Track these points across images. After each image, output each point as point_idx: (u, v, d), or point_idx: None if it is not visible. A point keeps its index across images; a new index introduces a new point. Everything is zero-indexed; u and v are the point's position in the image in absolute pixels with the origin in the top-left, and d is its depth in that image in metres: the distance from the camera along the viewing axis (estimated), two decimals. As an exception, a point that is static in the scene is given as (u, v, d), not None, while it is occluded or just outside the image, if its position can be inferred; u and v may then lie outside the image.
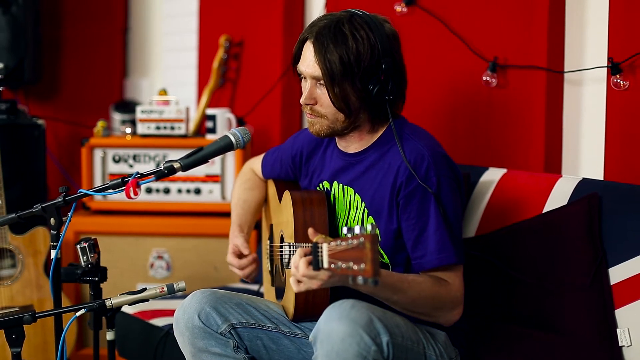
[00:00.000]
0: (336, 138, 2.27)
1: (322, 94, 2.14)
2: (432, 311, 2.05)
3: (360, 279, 1.63)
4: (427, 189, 2.05)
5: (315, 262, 1.77)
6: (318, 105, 2.16)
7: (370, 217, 2.17)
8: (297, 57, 2.19)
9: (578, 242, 2.24)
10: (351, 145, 2.24)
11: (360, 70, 2.09)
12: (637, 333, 2.12)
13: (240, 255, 2.42)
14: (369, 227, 1.66)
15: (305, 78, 2.17)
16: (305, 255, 1.83)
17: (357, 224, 2.17)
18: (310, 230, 1.87)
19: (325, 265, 1.72)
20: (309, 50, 2.14)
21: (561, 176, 2.43)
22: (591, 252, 2.21)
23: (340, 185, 2.25)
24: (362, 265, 1.62)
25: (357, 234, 1.66)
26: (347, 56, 2.08)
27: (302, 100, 2.18)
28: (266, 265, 2.57)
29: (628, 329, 2.13)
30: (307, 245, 1.86)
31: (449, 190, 2.08)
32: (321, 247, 1.74)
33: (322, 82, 2.13)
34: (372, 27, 2.11)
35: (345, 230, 1.70)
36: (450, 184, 2.09)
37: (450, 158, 2.15)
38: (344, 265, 1.66)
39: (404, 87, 2.20)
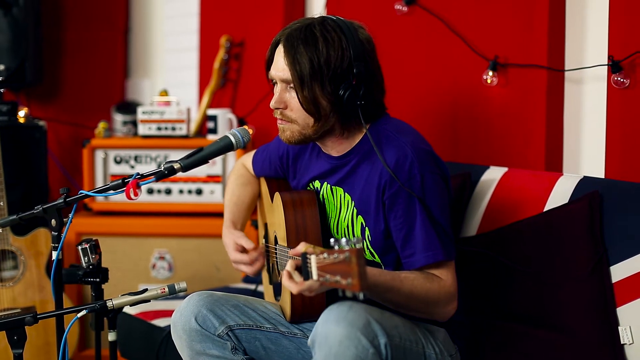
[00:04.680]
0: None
1: (292, 97, 2.13)
2: (426, 307, 2.04)
3: (348, 293, 1.64)
4: (411, 193, 2.04)
5: (305, 273, 1.78)
6: (288, 109, 2.15)
7: (359, 216, 2.16)
8: (269, 62, 2.18)
9: (579, 241, 2.24)
10: (332, 149, 2.23)
11: (330, 73, 2.07)
12: (639, 331, 2.12)
13: (243, 251, 2.41)
14: (354, 240, 1.66)
15: (276, 83, 2.16)
16: (296, 267, 1.84)
17: (347, 230, 2.18)
18: (301, 244, 1.88)
19: (315, 277, 1.73)
20: (279, 53, 2.13)
21: (562, 174, 2.43)
22: (592, 251, 2.21)
23: (329, 185, 2.25)
24: (350, 280, 1.63)
25: (343, 248, 1.66)
26: (316, 58, 2.06)
27: (271, 104, 2.16)
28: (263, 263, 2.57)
29: (630, 327, 2.13)
30: (297, 257, 1.87)
31: (434, 186, 2.07)
32: (310, 259, 1.74)
33: (291, 85, 2.11)
34: (345, 31, 2.09)
35: (332, 241, 1.70)
36: (435, 180, 2.08)
37: (435, 153, 2.14)
38: (332, 279, 1.67)
39: (379, 94, 2.18)
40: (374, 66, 2.14)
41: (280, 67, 2.12)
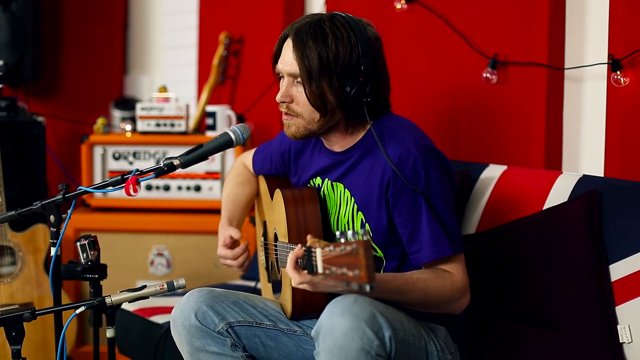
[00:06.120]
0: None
1: (299, 92, 2.13)
2: (440, 305, 2.06)
3: (355, 284, 1.64)
4: (416, 189, 2.04)
5: (309, 267, 1.78)
6: (294, 103, 2.15)
7: (360, 212, 2.16)
8: (277, 56, 2.19)
9: (578, 239, 2.24)
10: (335, 144, 2.23)
11: (338, 69, 2.08)
12: (638, 329, 2.12)
13: (232, 246, 2.41)
14: (361, 232, 1.65)
15: (283, 77, 2.17)
16: (297, 258, 1.84)
17: (348, 226, 2.18)
18: (308, 237, 1.88)
19: (320, 270, 1.72)
20: (288, 47, 2.13)
21: (561, 173, 2.43)
22: (592, 249, 2.21)
23: (330, 181, 2.25)
24: (357, 272, 1.62)
25: (350, 240, 1.65)
26: (325, 54, 2.07)
27: (278, 97, 2.16)
28: (262, 261, 2.57)
29: (629, 326, 2.13)
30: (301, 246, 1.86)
31: (438, 182, 2.08)
32: (315, 252, 1.74)
33: (299, 80, 2.12)
34: (354, 28, 2.10)
35: (338, 234, 1.70)
36: (439, 175, 2.09)
37: (437, 149, 2.15)
38: (338, 271, 1.66)
39: (384, 91, 2.19)
40: (381, 63, 2.15)
41: (288, 61, 2.12)
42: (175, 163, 2.06)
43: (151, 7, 4.49)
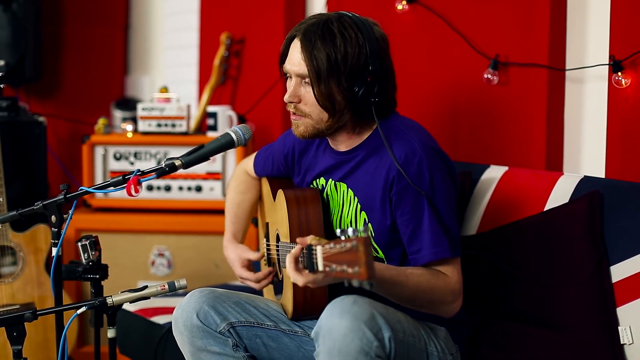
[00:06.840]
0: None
1: (307, 92, 2.13)
2: (431, 304, 2.05)
3: (355, 281, 1.64)
4: (420, 191, 2.05)
5: (310, 265, 1.78)
6: (302, 103, 2.15)
7: (363, 212, 2.17)
8: (284, 56, 2.19)
9: (579, 240, 2.24)
10: (341, 144, 2.24)
11: (347, 69, 2.08)
12: (639, 331, 2.12)
13: (249, 266, 2.42)
14: (362, 229, 1.66)
15: (290, 77, 2.17)
16: (296, 257, 1.84)
17: (351, 226, 2.18)
18: (298, 239, 1.88)
19: (320, 268, 1.73)
20: (295, 48, 2.13)
21: (562, 174, 2.43)
22: (593, 250, 2.21)
23: (333, 181, 2.25)
24: (356, 268, 1.62)
25: (350, 237, 1.66)
26: (334, 54, 2.07)
27: (285, 97, 2.17)
28: (264, 263, 2.57)
29: (630, 327, 2.13)
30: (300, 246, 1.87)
31: (442, 183, 2.08)
32: (315, 250, 1.75)
33: (307, 80, 2.12)
34: (361, 28, 2.10)
35: (338, 232, 1.70)
36: (444, 176, 2.09)
37: (442, 150, 2.15)
38: (338, 269, 1.67)
39: (391, 90, 2.19)
40: (388, 63, 2.16)
41: (296, 62, 2.12)
42: (176, 163, 2.07)
43: (152, 8, 4.49)
